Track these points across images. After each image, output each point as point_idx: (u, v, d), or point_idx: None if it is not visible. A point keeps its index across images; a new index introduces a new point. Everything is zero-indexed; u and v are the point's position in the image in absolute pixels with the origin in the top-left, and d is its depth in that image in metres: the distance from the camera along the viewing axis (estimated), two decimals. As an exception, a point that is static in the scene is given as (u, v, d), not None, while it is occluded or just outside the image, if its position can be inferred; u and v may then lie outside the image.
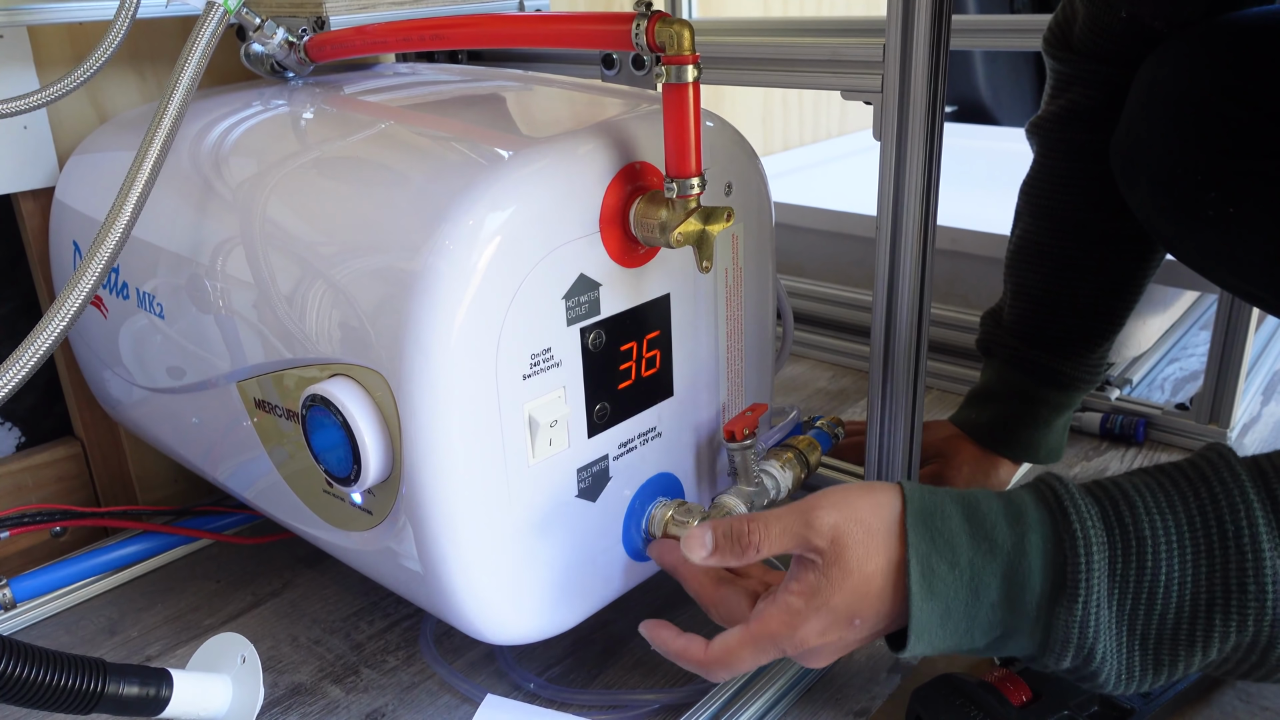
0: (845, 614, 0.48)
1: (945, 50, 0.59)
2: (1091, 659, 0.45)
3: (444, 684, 0.65)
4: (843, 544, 0.48)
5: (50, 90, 0.60)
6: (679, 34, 0.49)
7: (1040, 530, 0.46)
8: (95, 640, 0.72)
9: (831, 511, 0.49)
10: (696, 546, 0.52)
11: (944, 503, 0.48)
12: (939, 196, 0.63)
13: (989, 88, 2.19)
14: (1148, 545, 0.44)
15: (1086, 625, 0.45)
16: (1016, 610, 0.46)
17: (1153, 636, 0.45)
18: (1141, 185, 0.64)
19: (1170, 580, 0.44)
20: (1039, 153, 0.78)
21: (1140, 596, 0.44)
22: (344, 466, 0.53)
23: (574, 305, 0.53)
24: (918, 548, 0.47)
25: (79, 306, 0.51)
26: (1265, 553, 0.43)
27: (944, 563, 0.47)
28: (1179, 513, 0.45)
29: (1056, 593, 0.45)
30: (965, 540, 0.47)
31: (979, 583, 0.46)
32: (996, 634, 0.47)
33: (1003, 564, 0.46)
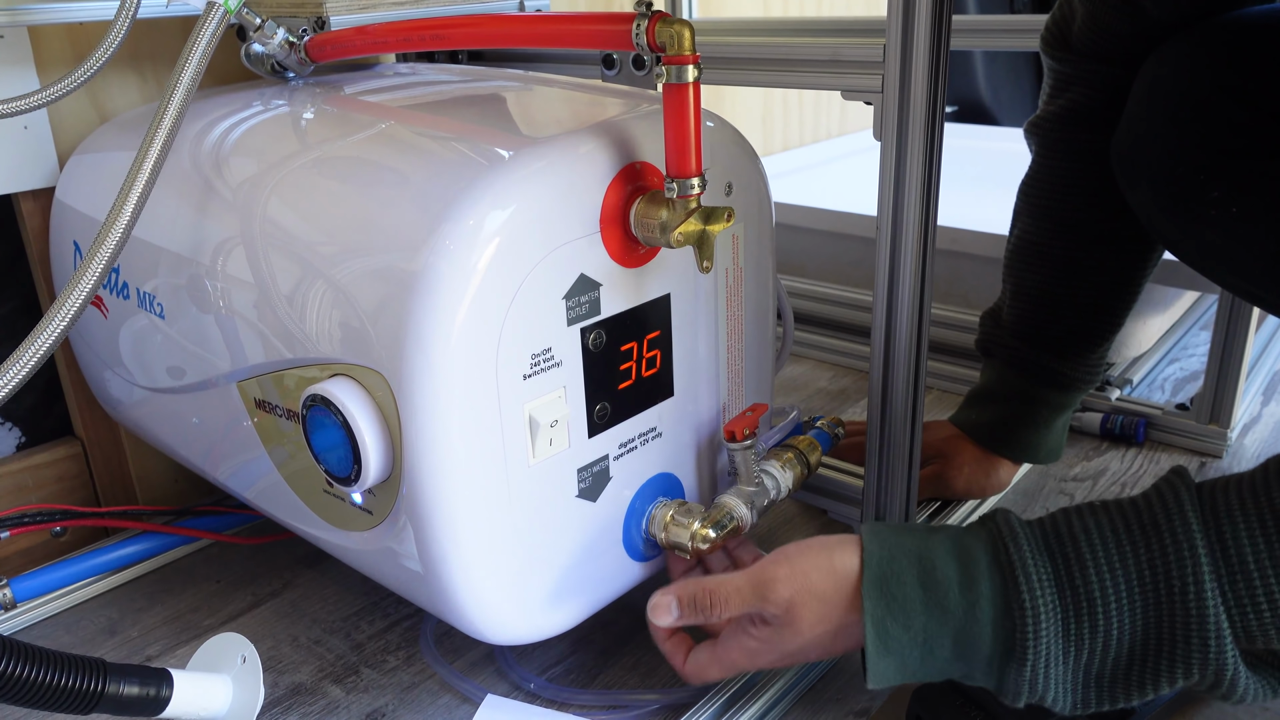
0: (801, 655, 0.54)
1: (945, 50, 0.59)
2: (1044, 700, 0.49)
3: (444, 684, 0.65)
4: (796, 614, 0.52)
5: (51, 90, 0.60)
6: (679, 34, 0.49)
7: (991, 600, 0.48)
8: (95, 640, 0.72)
9: (786, 585, 0.52)
10: (664, 613, 0.56)
11: (900, 567, 0.51)
12: (939, 196, 0.63)
13: (989, 88, 2.19)
14: (1098, 605, 0.47)
15: (1035, 682, 0.48)
16: (970, 664, 0.50)
17: (1106, 677, 0.48)
18: (1142, 185, 0.64)
19: (1121, 633, 0.47)
20: (1037, 153, 0.78)
21: (1095, 649, 0.47)
22: (344, 466, 0.53)
23: (574, 305, 0.53)
24: (873, 613, 0.50)
25: (79, 306, 0.51)
26: (1209, 607, 0.45)
27: (898, 625, 0.50)
28: (1129, 568, 0.47)
29: (1006, 655, 0.48)
30: (919, 606, 0.49)
31: (932, 644, 0.50)
32: (957, 673, 0.51)
33: (954, 629, 0.49)
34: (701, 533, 0.59)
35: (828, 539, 0.54)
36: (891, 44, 0.59)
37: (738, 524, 0.61)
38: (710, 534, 0.59)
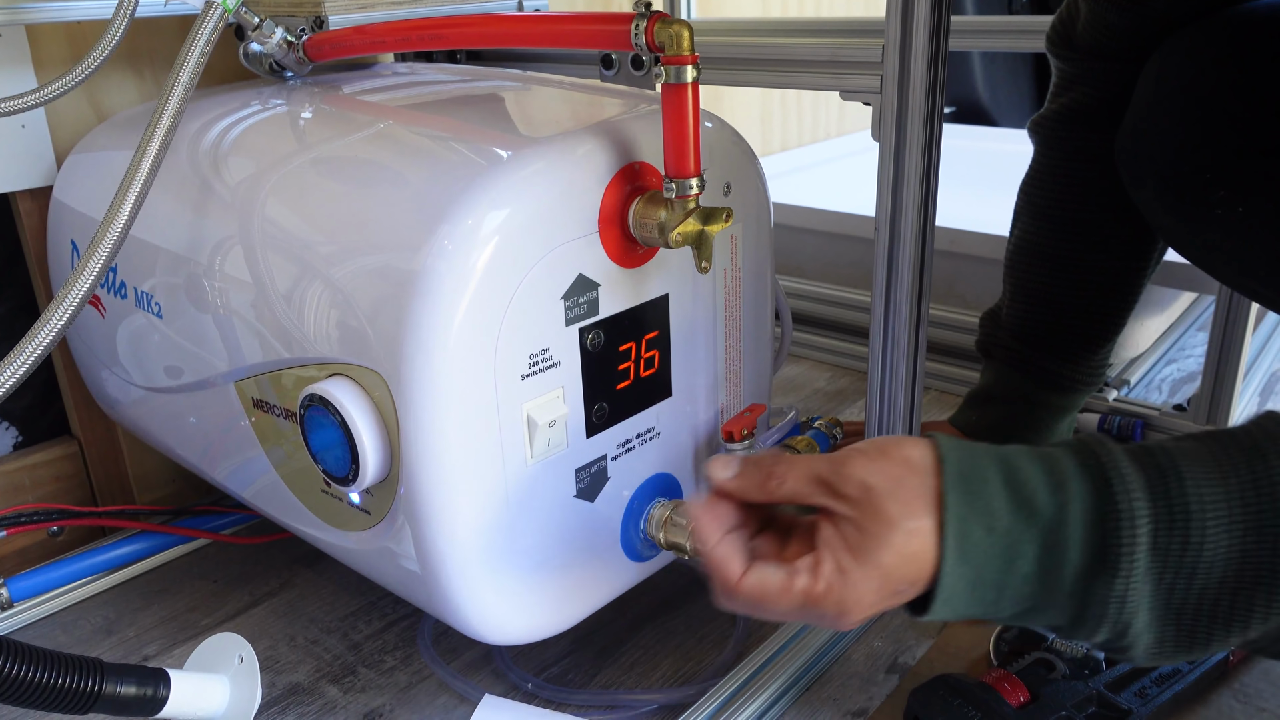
0: (896, 579, 0.44)
1: (944, 51, 0.59)
2: (1126, 633, 0.43)
3: (442, 684, 0.65)
4: (877, 498, 0.44)
5: (49, 89, 0.60)
6: (678, 34, 0.49)
7: (1082, 501, 0.43)
8: (92, 640, 0.71)
9: (861, 466, 0.45)
10: (720, 467, 0.48)
11: (982, 464, 0.45)
12: (938, 197, 0.63)
13: (987, 89, 2.19)
14: (1193, 518, 0.42)
15: (1125, 601, 0.42)
16: (1051, 582, 0.44)
17: (1190, 611, 0.43)
18: (1148, 183, 0.64)
19: (1215, 555, 0.42)
20: (1039, 151, 0.78)
21: (1181, 571, 0.42)
22: (342, 466, 0.53)
23: (573, 305, 0.53)
24: (955, 509, 0.44)
25: (77, 306, 0.51)
26: None
27: (980, 527, 0.43)
28: (1230, 484, 0.42)
29: (1096, 566, 0.43)
30: (1004, 504, 0.44)
31: (1015, 551, 0.43)
32: (1025, 606, 0.45)
33: (1041, 532, 0.43)
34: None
35: (895, 436, 0.48)
36: (890, 45, 0.59)
37: (736, 524, 0.61)
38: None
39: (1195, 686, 0.59)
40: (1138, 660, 0.45)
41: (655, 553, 0.63)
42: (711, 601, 0.48)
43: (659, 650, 0.68)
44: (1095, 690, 0.57)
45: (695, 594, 0.73)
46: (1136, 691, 0.58)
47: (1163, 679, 0.59)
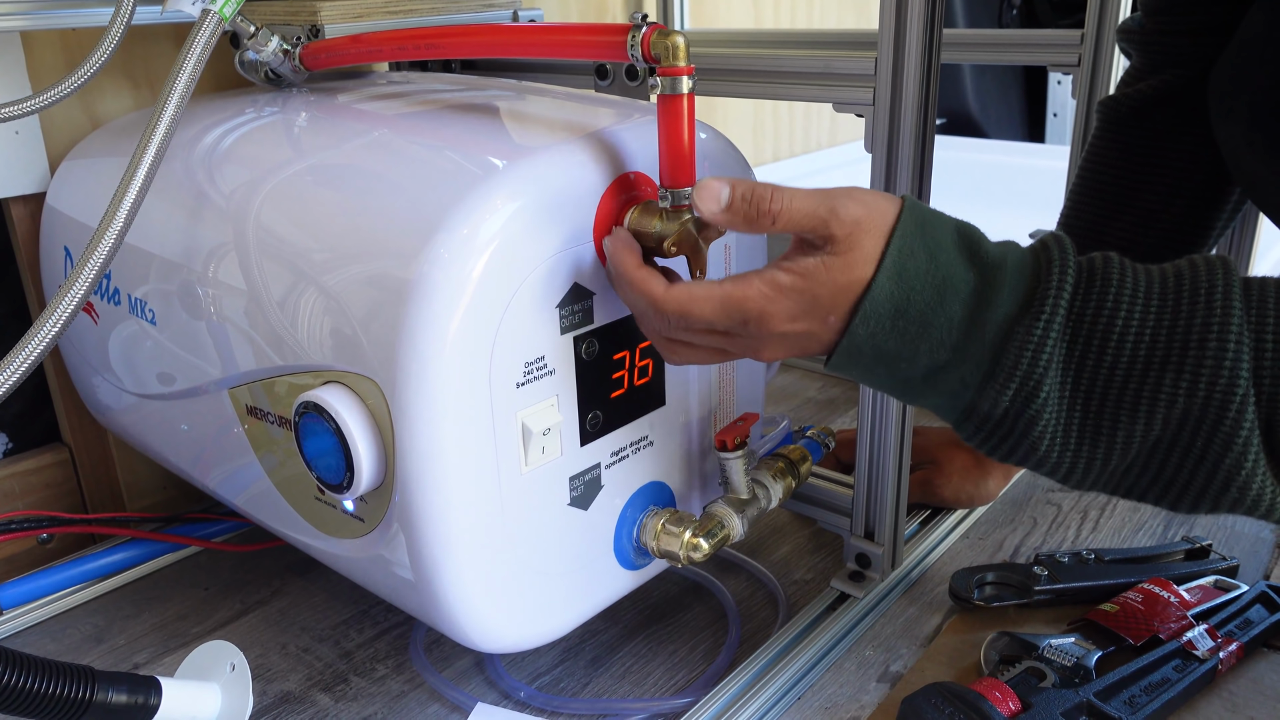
0: (825, 307, 0.46)
1: (936, 64, 0.60)
2: (1034, 397, 0.43)
3: (434, 692, 0.65)
4: (858, 239, 0.45)
5: (44, 96, 0.60)
6: (675, 46, 0.49)
7: (1021, 254, 0.45)
8: (82, 648, 0.71)
9: (857, 205, 0.46)
10: (709, 198, 0.47)
11: (941, 216, 0.47)
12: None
13: (977, 101, 2.21)
14: (1111, 287, 0.43)
15: (1040, 350, 0.43)
16: (975, 327, 0.44)
17: (1098, 392, 0.43)
18: (1238, 118, 0.63)
19: (1127, 328, 0.43)
20: (1110, 134, 0.77)
21: (1093, 341, 0.43)
22: (337, 473, 0.53)
23: (567, 314, 0.53)
24: (905, 229, 0.45)
25: (70, 313, 0.51)
26: (1234, 312, 0.41)
27: (924, 251, 0.45)
28: (1153, 274, 0.44)
29: (1021, 313, 0.44)
30: (950, 243, 0.45)
31: (948, 286, 0.44)
32: (942, 358, 0.45)
33: (978, 275, 0.45)
34: (692, 542, 0.59)
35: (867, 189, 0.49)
36: (883, 57, 0.60)
37: (728, 533, 0.61)
38: (701, 544, 0.59)
39: (1184, 694, 0.60)
40: (1042, 461, 0.45)
41: (648, 561, 0.63)
42: (705, 610, 0.48)
43: (652, 658, 0.68)
44: (1085, 699, 0.58)
45: (688, 602, 0.73)
46: (1126, 700, 0.58)
47: (1152, 688, 0.59)
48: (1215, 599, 0.66)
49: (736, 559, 0.78)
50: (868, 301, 0.44)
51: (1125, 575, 0.70)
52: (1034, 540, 0.79)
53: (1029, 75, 2.31)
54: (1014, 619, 0.68)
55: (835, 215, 0.46)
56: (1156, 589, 0.67)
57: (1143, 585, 0.68)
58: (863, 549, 0.73)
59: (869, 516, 0.72)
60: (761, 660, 0.65)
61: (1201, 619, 0.64)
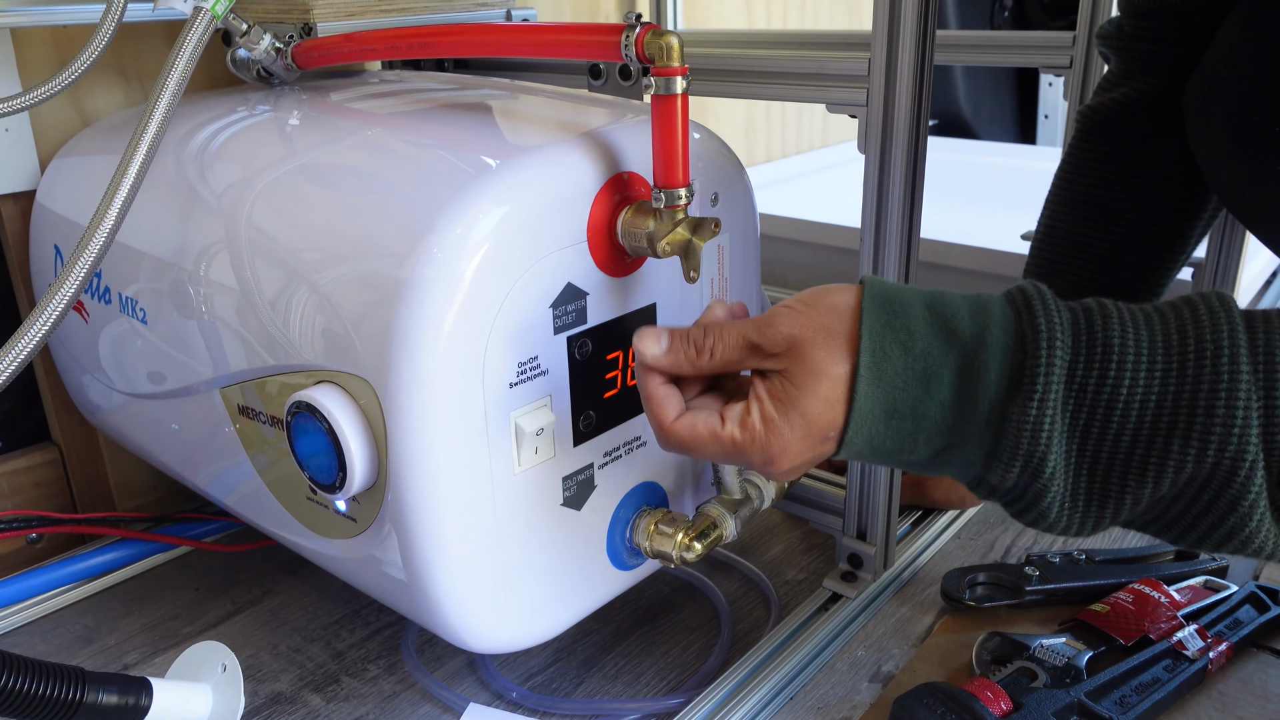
0: (821, 425, 0.45)
1: (929, 65, 0.60)
2: (1040, 473, 0.42)
3: (426, 693, 0.65)
4: (802, 349, 0.44)
5: (34, 94, 0.60)
6: (669, 46, 0.49)
7: (1003, 326, 0.43)
8: (71, 648, 0.71)
9: (787, 321, 0.45)
10: (650, 342, 0.48)
11: (906, 293, 0.45)
12: (923, 209, 0.63)
13: (969, 102, 2.21)
14: (1114, 354, 0.41)
15: (1040, 428, 0.41)
16: (968, 409, 0.43)
17: (1104, 459, 0.42)
18: (1213, 131, 0.63)
19: (1132, 395, 0.41)
20: (1086, 142, 0.77)
21: (1097, 410, 0.41)
22: (329, 473, 0.52)
23: (561, 314, 0.53)
24: (871, 328, 0.43)
25: (61, 312, 0.51)
26: (1242, 375, 0.40)
27: (897, 346, 0.43)
28: (1155, 328, 0.42)
29: (1012, 390, 0.42)
30: (923, 326, 0.43)
31: (931, 375, 0.43)
32: (942, 443, 0.44)
33: (959, 355, 0.43)
34: (685, 542, 0.59)
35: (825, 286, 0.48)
36: (876, 58, 0.60)
37: (721, 533, 0.61)
38: (694, 544, 0.59)
39: (1175, 694, 0.60)
40: (1051, 524, 0.44)
41: (641, 561, 0.63)
42: (697, 610, 0.48)
43: (644, 659, 0.68)
44: (1076, 699, 0.58)
45: (680, 602, 0.73)
46: (1117, 700, 0.58)
47: (1143, 688, 0.60)
48: (1205, 599, 0.67)
49: (729, 559, 0.78)
50: (855, 412, 0.44)
51: (1116, 576, 0.70)
52: (1025, 541, 0.79)
53: (1020, 77, 2.32)
54: (1005, 619, 0.69)
55: (765, 338, 0.45)
56: (1147, 589, 0.67)
57: (1133, 586, 0.68)
58: (855, 549, 0.73)
59: (861, 517, 0.72)
60: (754, 660, 0.65)
61: (1191, 619, 0.65)
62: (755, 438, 0.46)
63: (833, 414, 0.44)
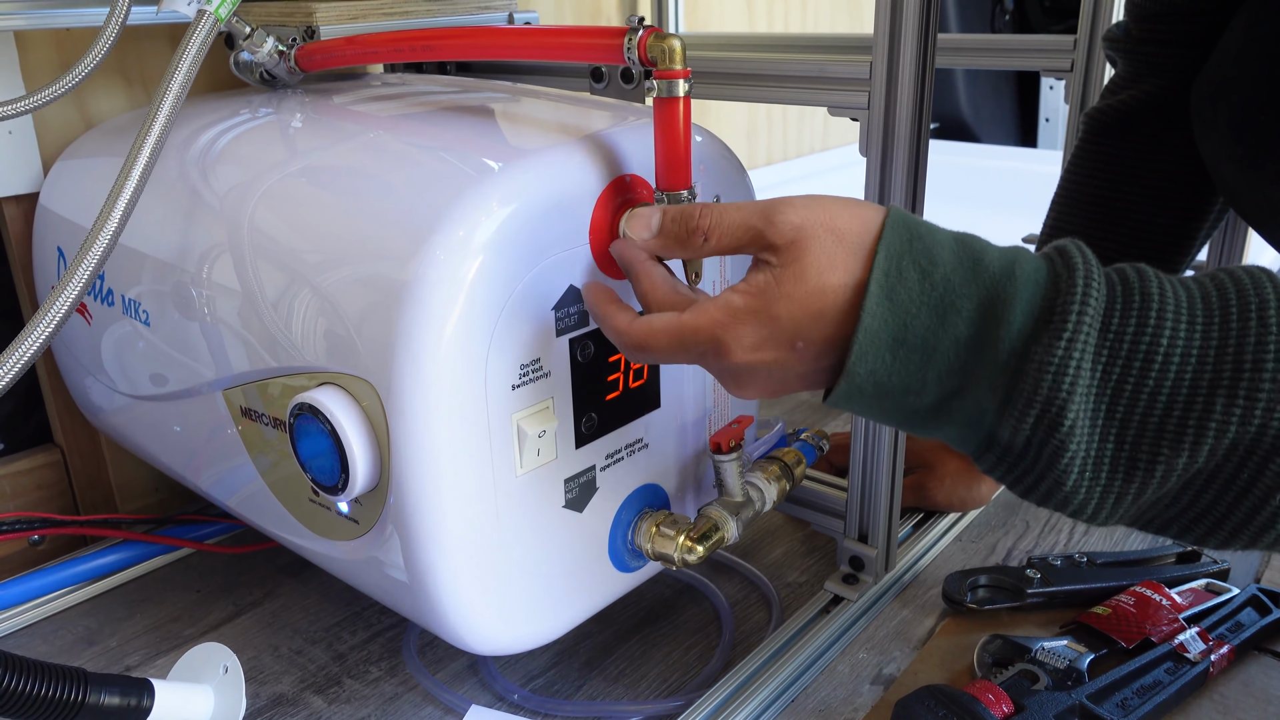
0: (788, 330, 0.41)
1: (931, 68, 0.60)
2: (1059, 424, 0.38)
3: (427, 695, 0.65)
4: (804, 246, 0.41)
5: (38, 96, 0.60)
6: (671, 49, 0.49)
7: (1034, 264, 0.39)
8: (73, 650, 0.71)
9: (799, 210, 0.41)
10: (641, 226, 0.46)
11: (932, 228, 0.41)
12: (923, 212, 0.63)
13: (971, 106, 2.21)
14: (1153, 304, 0.38)
15: (1064, 372, 0.37)
16: (986, 348, 0.39)
17: (1135, 422, 0.38)
18: (1219, 130, 0.63)
19: (1173, 347, 0.37)
20: (1094, 143, 0.77)
21: (1133, 364, 0.38)
22: (331, 475, 0.53)
23: (563, 316, 0.53)
24: (891, 245, 0.39)
25: (64, 314, 0.51)
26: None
27: (916, 270, 0.39)
28: (1193, 289, 0.38)
29: (1039, 330, 0.38)
30: (948, 254, 0.40)
31: (949, 304, 0.39)
32: (955, 384, 0.40)
33: (984, 289, 0.39)
34: (686, 544, 0.59)
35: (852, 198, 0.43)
36: (878, 61, 0.60)
37: (722, 536, 0.61)
38: (696, 546, 0.60)
39: (1176, 697, 0.60)
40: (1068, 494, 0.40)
41: (642, 563, 0.63)
42: (699, 612, 0.48)
43: (645, 661, 0.68)
44: (1078, 701, 0.58)
45: (682, 605, 0.73)
46: (1118, 703, 0.58)
47: (1144, 690, 0.60)
48: (1206, 602, 0.67)
49: (730, 561, 0.78)
50: (860, 334, 0.40)
51: (1117, 578, 0.70)
52: (1026, 543, 0.79)
53: (1021, 80, 2.32)
54: (1007, 622, 0.69)
55: (771, 224, 0.42)
56: (1148, 592, 0.67)
57: (1135, 588, 0.68)
58: (856, 552, 0.73)
59: (863, 519, 0.72)
60: (755, 663, 0.65)
61: (1193, 622, 0.65)
62: (707, 319, 0.42)
63: (811, 325, 0.41)
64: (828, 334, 0.41)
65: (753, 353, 0.42)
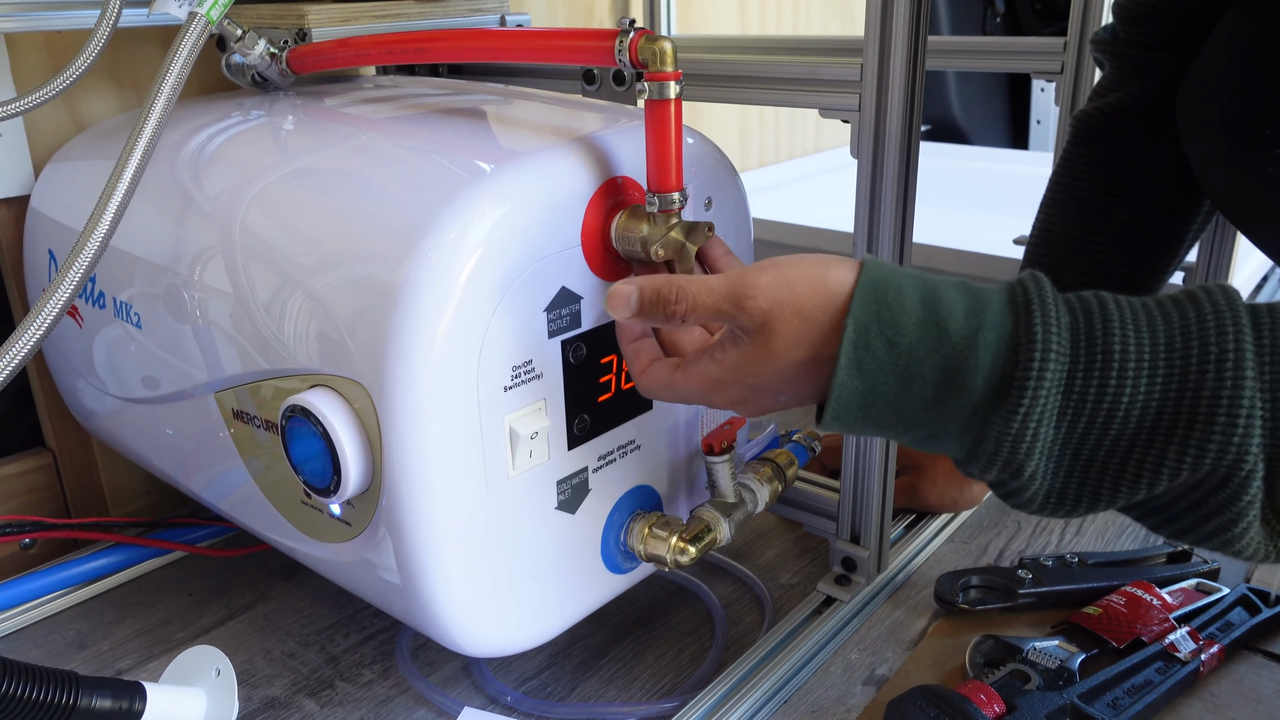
0: (768, 391, 0.46)
1: (922, 70, 0.60)
2: (1019, 475, 0.42)
3: (420, 697, 0.65)
4: (771, 329, 0.44)
5: (29, 99, 0.60)
6: (662, 51, 0.50)
7: (997, 330, 0.41)
8: (64, 654, 0.71)
9: (766, 294, 0.44)
10: (620, 305, 0.48)
11: (903, 282, 0.43)
12: (915, 214, 0.64)
13: (962, 107, 2.22)
14: (1114, 361, 0.40)
15: (1021, 440, 0.41)
16: (949, 413, 0.42)
17: (1097, 463, 0.41)
18: (1205, 132, 0.63)
19: (1133, 402, 0.40)
20: (1081, 147, 0.78)
21: (1096, 418, 0.40)
22: (324, 477, 0.52)
23: (555, 318, 0.53)
24: (859, 317, 0.42)
25: (55, 317, 0.51)
26: (1247, 380, 0.38)
27: (883, 341, 0.42)
28: (1158, 330, 0.40)
29: (997, 400, 0.41)
30: (914, 322, 0.42)
31: (914, 374, 0.42)
32: (923, 434, 0.44)
33: (946, 355, 0.41)
34: (679, 546, 0.60)
35: (826, 256, 0.46)
36: (869, 64, 0.60)
37: (715, 537, 0.61)
38: (688, 548, 0.60)
39: (1167, 697, 0.60)
40: (1033, 510, 0.44)
41: (635, 565, 0.63)
42: (691, 614, 0.49)
43: (638, 662, 0.68)
44: (1069, 701, 0.58)
45: (675, 606, 0.73)
46: (1109, 702, 0.59)
47: (1135, 690, 0.60)
48: (1197, 602, 0.67)
49: (723, 563, 0.78)
50: (832, 403, 0.43)
51: (1108, 578, 0.70)
52: (1018, 544, 0.79)
53: (1012, 82, 2.33)
54: (998, 622, 0.69)
55: (741, 310, 0.45)
56: (1139, 592, 0.68)
57: (1125, 588, 0.68)
58: (848, 553, 0.73)
59: (855, 520, 0.73)
60: (748, 664, 0.65)
61: (1183, 622, 0.65)
62: (696, 384, 0.48)
63: (789, 389, 0.46)
64: (804, 391, 0.46)
65: (738, 405, 0.49)
